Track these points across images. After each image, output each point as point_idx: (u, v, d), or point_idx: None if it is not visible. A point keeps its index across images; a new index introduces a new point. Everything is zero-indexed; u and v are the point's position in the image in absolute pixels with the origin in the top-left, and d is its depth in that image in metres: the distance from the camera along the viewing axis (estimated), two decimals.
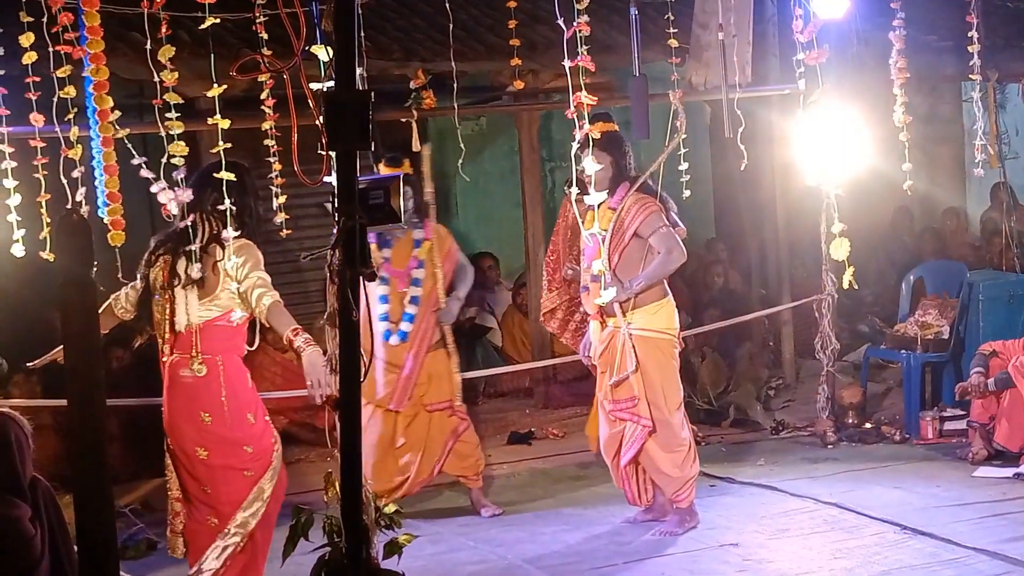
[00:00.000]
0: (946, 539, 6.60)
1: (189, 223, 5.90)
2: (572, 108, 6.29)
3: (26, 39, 6.30)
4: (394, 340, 7.40)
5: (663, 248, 6.79)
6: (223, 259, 5.85)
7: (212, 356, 5.86)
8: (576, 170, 6.69)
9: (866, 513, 7.10)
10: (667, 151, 7.28)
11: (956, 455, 8.17)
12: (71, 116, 6.38)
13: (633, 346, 6.79)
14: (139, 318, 6.13)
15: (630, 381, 6.83)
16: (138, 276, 6.12)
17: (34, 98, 6.46)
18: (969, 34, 8.54)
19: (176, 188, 6.36)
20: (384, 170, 7.43)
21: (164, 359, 5.95)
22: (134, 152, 6.13)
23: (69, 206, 6.16)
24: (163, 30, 6.24)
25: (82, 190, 6.41)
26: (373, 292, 7.41)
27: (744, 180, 9.97)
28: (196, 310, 5.89)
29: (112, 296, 6.19)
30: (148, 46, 6.21)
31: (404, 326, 7.41)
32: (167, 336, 5.94)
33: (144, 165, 6.13)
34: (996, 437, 7.94)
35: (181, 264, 5.91)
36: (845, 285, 7.80)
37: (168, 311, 5.93)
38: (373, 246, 7.42)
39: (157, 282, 6.01)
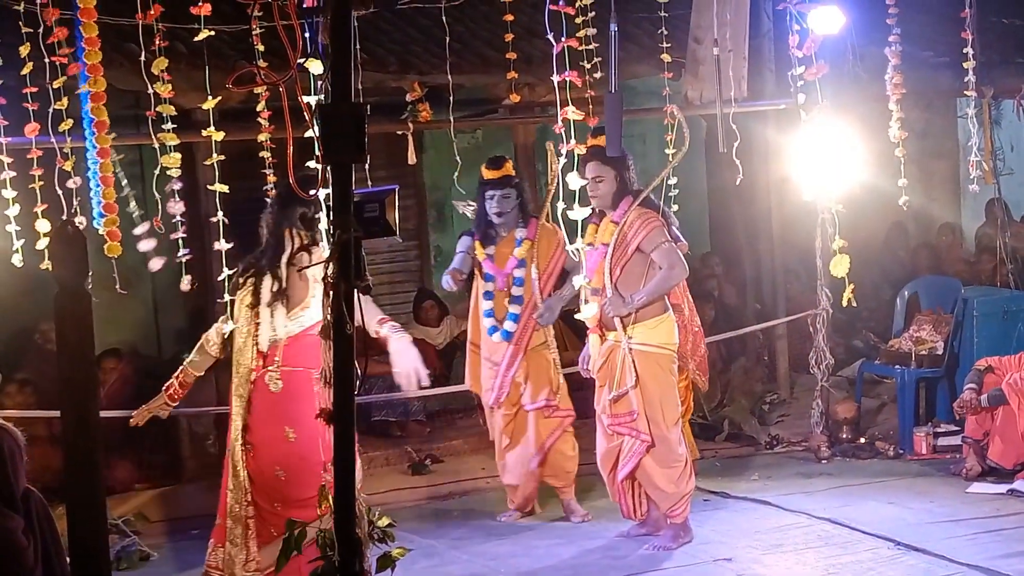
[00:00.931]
0: (940, 555, 6.60)
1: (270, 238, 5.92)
2: (560, 123, 6.29)
3: (24, 50, 6.32)
4: (497, 338, 7.49)
5: (665, 264, 6.78)
6: (308, 266, 5.80)
7: (305, 369, 5.77)
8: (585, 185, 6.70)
9: (860, 528, 7.10)
10: (671, 165, 7.28)
11: (950, 471, 8.17)
12: (67, 127, 6.39)
13: (633, 361, 6.78)
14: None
15: (629, 396, 6.82)
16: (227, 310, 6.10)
17: (32, 109, 6.47)
18: (964, 50, 8.57)
19: (172, 199, 6.38)
20: (486, 173, 7.49)
21: (253, 379, 5.87)
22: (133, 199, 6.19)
23: (64, 217, 6.17)
24: (157, 42, 6.25)
25: (76, 201, 6.42)
26: (478, 289, 7.57)
27: (739, 195, 9.97)
28: (283, 324, 5.83)
29: (203, 336, 6.19)
30: (143, 58, 6.22)
31: (508, 325, 7.49)
32: (254, 359, 5.87)
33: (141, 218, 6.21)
34: (989, 454, 7.93)
35: (266, 283, 5.88)
36: (844, 303, 7.80)
37: (252, 332, 5.88)
38: (477, 243, 7.52)
39: (244, 305, 5.95)
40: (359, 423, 3.88)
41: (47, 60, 6.36)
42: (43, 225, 6.54)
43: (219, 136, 6.56)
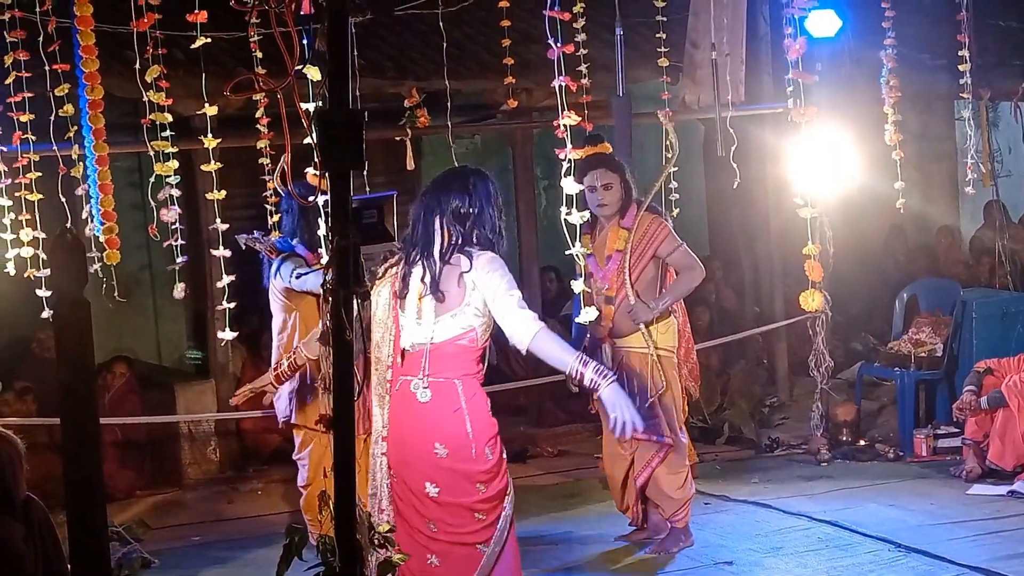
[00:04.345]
0: (941, 557, 6.60)
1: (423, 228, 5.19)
2: (562, 127, 6.29)
3: (9, 58, 6.35)
4: None
5: (684, 266, 6.80)
6: (469, 270, 5.12)
7: (448, 379, 5.12)
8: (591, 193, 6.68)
9: (860, 531, 7.10)
10: (665, 172, 7.28)
11: (950, 473, 8.17)
12: (71, 134, 6.42)
13: (660, 365, 6.75)
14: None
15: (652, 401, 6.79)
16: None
17: (20, 118, 6.50)
18: (961, 53, 8.58)
19: (166, 207, 6.38)
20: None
21: (389, 383, 5.22)
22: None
23: (68, 224, 6.19)
24: (150, 49, 6.27)
25: (86, 208, 6.44)
26: None
27: (737, 198, 9.98)
28: (430, 325, 5.14)
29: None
30: (138, 65, 6.23)
31: None
32: (391, 358, 5.21)
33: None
34: (989, 455, 7.94)
35: (416, 273, 5.18)
36: (813, 308, 7.81)
37: (392, 326, 5.22)
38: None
39: (382, 296, 5.26)
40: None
41: (46, 68, 6.38)
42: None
43: (212, 144, 6.57)
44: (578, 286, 6.61)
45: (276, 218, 7.31)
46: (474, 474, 5.10)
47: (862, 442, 8.93)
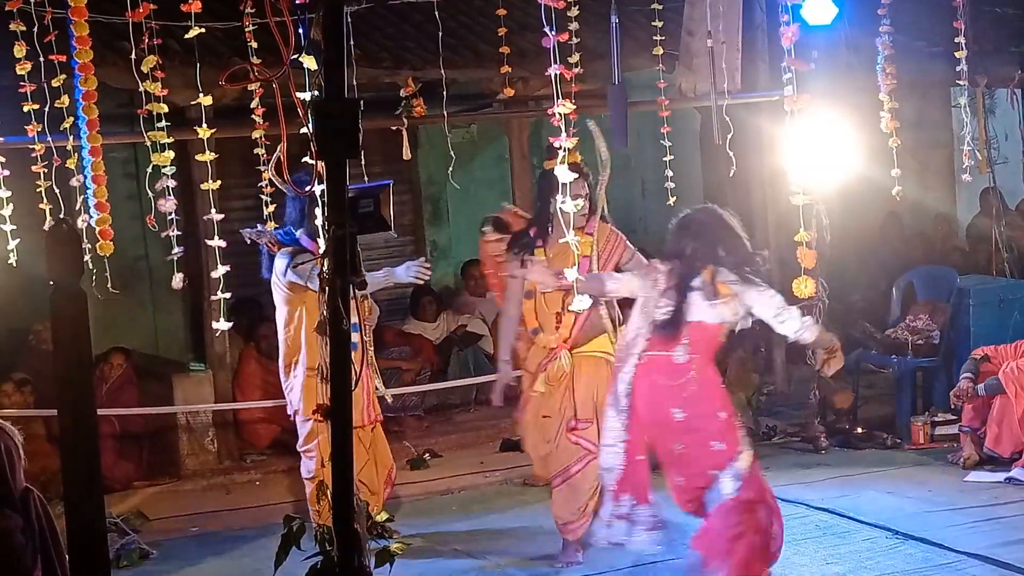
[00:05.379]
0: (938, 544, 6.62)
1: None
2: (556, 115, 6.26)
3: (19, 50, 6.33)
4: None
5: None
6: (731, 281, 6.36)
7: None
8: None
9: (858, 518, 7.11)
10: (603, 183, 7.15)
11: (947, 460, 8.18)
12: (67, 125, 6.40)
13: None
14: None
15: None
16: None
17: (32, 108, 6.49)
18: (957, 40, 8.56)
19: (164, 197, 6.37)
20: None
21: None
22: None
23: (62, 215, 6.18)
24: (146, 39, 6.25)
25: (81, 198, 6.44)
26: None
27: (734, 187, 9.97)
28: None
29: None
30: (133, 55, 6.22)
31: None
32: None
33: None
34: (987, 442, 7.95)
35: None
36: (805, 294, 7.82)
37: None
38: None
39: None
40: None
41: (41, 59, 6.37)
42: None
43: (207, 134, 6.55)
44: (571, 274, 6.59)
45: (271, 208, 7.31)
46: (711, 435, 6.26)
47: (859, 430, 8.93)
